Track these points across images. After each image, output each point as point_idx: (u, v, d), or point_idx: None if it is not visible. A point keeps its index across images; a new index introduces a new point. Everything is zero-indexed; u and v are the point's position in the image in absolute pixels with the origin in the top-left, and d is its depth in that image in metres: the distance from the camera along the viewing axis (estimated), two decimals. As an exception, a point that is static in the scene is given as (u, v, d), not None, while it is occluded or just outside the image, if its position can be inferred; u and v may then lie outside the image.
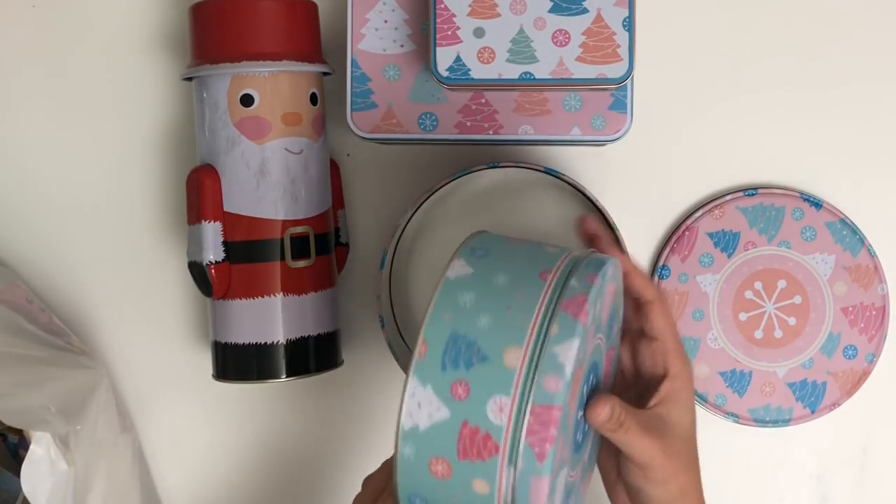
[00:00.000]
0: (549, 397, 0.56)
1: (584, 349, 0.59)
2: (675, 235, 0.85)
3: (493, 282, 0.60)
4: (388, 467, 0.67)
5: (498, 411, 0.56)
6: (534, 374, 0.57)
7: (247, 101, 0.77)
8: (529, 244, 0.64)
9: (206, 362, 0.84)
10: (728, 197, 0.85)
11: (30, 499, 0.70)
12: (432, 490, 0.58)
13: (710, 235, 0.85)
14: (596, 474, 0.70)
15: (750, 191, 0.85)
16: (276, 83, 0.78)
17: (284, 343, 0.79)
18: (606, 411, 0.60)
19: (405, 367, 0.79)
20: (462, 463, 0.57)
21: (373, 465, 0.69)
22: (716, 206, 0.85)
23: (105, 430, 0.79)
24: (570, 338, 0.57)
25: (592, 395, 0.63)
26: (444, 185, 0.79)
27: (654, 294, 0.68)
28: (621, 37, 0.73)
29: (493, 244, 0.63)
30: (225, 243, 0.78)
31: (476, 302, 0.59)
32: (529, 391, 0.56)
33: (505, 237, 0.65)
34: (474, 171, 0.79)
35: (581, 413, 0.62)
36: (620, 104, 0.78)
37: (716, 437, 0.86)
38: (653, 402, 0.66)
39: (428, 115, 0.79)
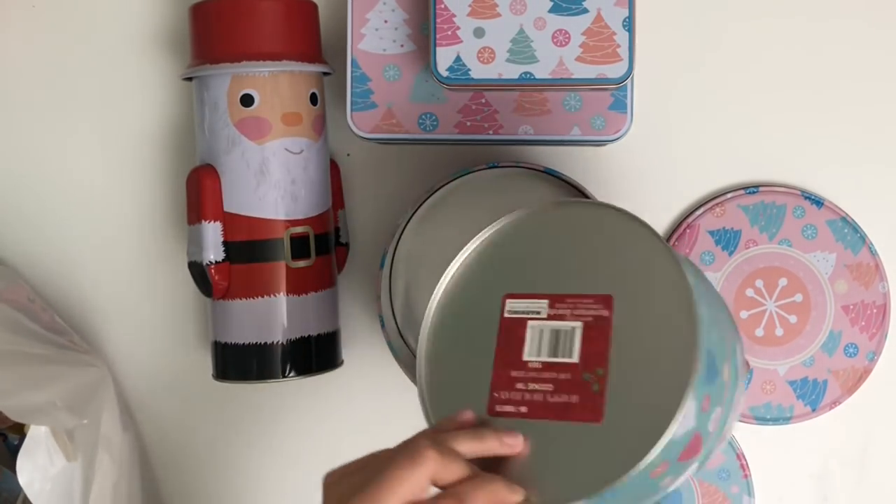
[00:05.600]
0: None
1: None
2: (676, 233, 0.85)
3: (708, 298, 0.62)
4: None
5: (715, 420, 0.60)
6: (733, 390, 0.62)
7: (247, 101, 0.77)
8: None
9: (206, 362, 0.84)
10: (729, 195, 0.85)
11: (27, 491, 0.70)
12: (639, 485, 0.59)
13: (711, 233, 0.85)
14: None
15: (751, 189, 0.85)
16: (276, 83, 0.78)
17: (284, 343, 0.79)
18: None
19: (406, 368, 0.79)
20: (678, 464, 0.59)
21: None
22: (717, 203, 0.85)
23: (108, 428, 0.79)
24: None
25: None
26: (444, 185, 0.79)
27: None
28: (621, 37, 0.73)
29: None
30: (225, 243, 0.78)
31: (708, 315, 0.60)
32: (731, 403, 0.61)
33: None
34: (474, 171, 0.79)
35: None
36: (620, 104, 0.78)
37: (716, 435, 0.87)
38: None
39: (428, 115, 0.79)
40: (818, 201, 0.85)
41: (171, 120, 0.87)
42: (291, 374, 0.79)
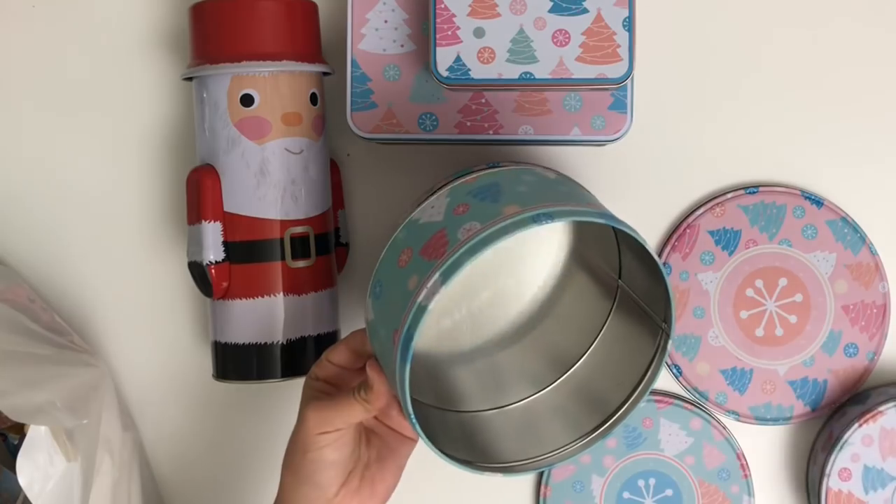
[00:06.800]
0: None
1: None
2: (676, 233, 0.85)
3: (547, 178, 0.69)
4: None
5: (466, 231, 0.62)
6: (505, 230, 0.61)
7: (247, 101, 0.77)
8: None
9: (206, 362, 0.84)
10: (729, 195, 0.85)
11: (27, 491, 0.70)
12: (389, 276, 0.65)
13: (712, 233, 0.85)
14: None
15: (751, 189, 0.85)
16: (276, 83, 0.78)
17: (284, 343, 0.79)
18: None
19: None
20: (418, 257, 0.63)
21: (372, 467, 0.69)
22: (717, 203, 0.85)
23: (108, 428, 0.79)
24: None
25: None
26: (444, 185, 0.79)
27: None
28: (621, 37, 0.73)
29: None
30: (225, 243, 0.78)
31: (531, 183, 0.66)
32: (495, 234, 0.61)
33: None
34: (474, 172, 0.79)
35: None
36: (620, 104, 0.78)
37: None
38: None
39: (428, 115, 0.79)
40: (818, 201, 0.85)
41: (171, 120, 0.87)
42: (291, 375, 0.79)
